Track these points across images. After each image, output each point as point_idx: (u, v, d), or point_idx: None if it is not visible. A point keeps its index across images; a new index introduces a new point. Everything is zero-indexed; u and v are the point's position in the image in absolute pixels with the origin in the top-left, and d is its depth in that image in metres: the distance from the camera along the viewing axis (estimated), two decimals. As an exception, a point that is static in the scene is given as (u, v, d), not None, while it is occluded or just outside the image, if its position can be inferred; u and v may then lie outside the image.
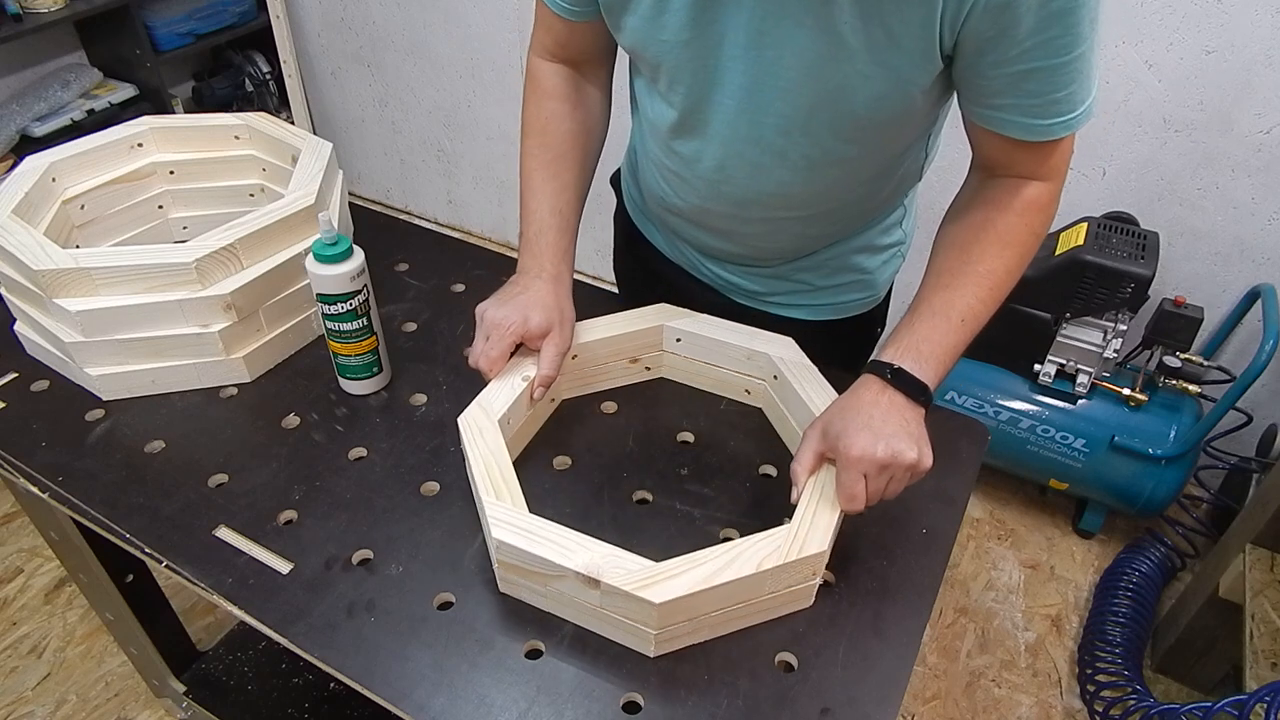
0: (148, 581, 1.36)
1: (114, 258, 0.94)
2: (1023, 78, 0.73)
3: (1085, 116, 0.77)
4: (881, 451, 0.75)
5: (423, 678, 0.73)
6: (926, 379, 0.79)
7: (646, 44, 0.84)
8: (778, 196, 0.91)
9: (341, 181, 1.18)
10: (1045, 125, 0.76)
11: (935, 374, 0.80)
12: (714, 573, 0.71)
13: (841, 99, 0.79)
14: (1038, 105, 0.75)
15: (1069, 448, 1.84)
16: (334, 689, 1.43)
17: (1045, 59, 0.71)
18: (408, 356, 1.07)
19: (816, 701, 0.72)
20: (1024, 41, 0.70)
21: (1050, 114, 0.76)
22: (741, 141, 0.87)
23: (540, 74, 0.98)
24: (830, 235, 1.01)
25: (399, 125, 2.89)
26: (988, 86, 0.76)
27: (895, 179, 0.95)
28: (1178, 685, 1.72)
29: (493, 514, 0.76)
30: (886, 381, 0.79)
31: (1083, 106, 0.76)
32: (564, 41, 0.95)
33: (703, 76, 0.83)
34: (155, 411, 0.99)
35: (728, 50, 0.80)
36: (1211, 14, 1.58)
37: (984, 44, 0.72)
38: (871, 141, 0.85)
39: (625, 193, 1.21)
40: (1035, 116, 0.76)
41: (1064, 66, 0.72)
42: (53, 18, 2.29)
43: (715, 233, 1.02)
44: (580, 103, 0.99)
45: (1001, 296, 0.83)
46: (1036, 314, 1.78)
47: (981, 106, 0.78)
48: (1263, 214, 1.73)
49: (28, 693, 1.63)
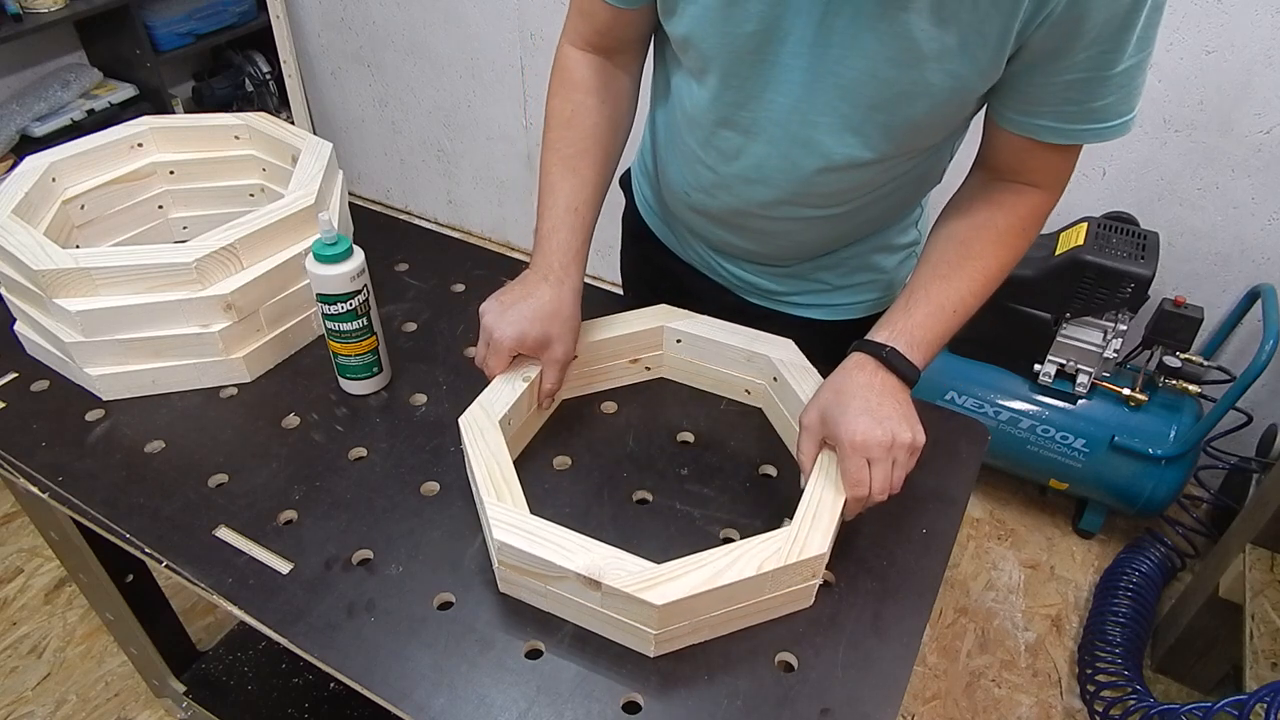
0: (148, 581, 1.36)
1: (114, 258, 0.94)
2: (1069, 87, 0.73)
3: (1121, 130, 0.76)
4: (882, 435, 0.76)
5: (423, 678, 0.73)
6: (917, 363, 0.81)
7: (705, 34, 0.80)
8: (812, 195, 0.90)
9: (341, 181, 1.18)
10: (1074, 130, 0.77)
11: (924, 359, 0.82)
12: (715, 574, 0.71)
13: (903, 103, 0.78)
14: (1074, 112, 0.75)
15: (1069, 448, 1.84)
16: (334, 689, 1.43)
17: (1095, 70, 0.71)
18: (408, 356, 1.07)
19: (816, 701, 0.72)
20: (1079, 54, 0.70)
21: (1082, 120, 0.76)
22: (788, 141, 0.85)
23: (571, 64, 0.94)
24: (854, 234, 1.01)
25: (399, 125, 2.89)
26: (1034, 95, 0.76)
27: (921, 179, 0.94)
28: (1178, 685, 1.72)
29: (494, 515, 0.76)
30: (881, 362, 0.81)
31: (1119, 120, 0.76)
32: (606, 29, 0.91)
33: (760, 70, 0.80)
34: (155, 411, 0.99)
35: (791, 46, 0.77)
36: (1211, 14, 1.58)
37: (1043, 55, 0.72)
38: (915, 143, 0.85)
39: (636, 191, 1.20)
40: (1067, 121, 0.76)
41: (1110, 79, 0.72)
42: (53, 18, 2.29)
43: (739, 230, 1.00)
44: (609, 96, 0.95)
45: (988, 294, 0.86)
46: (1036, 314, 1.78)
47: (1018, 113, 0.78)
48: (1263, 214, 1.73)
49: (28, 693, 1.64)
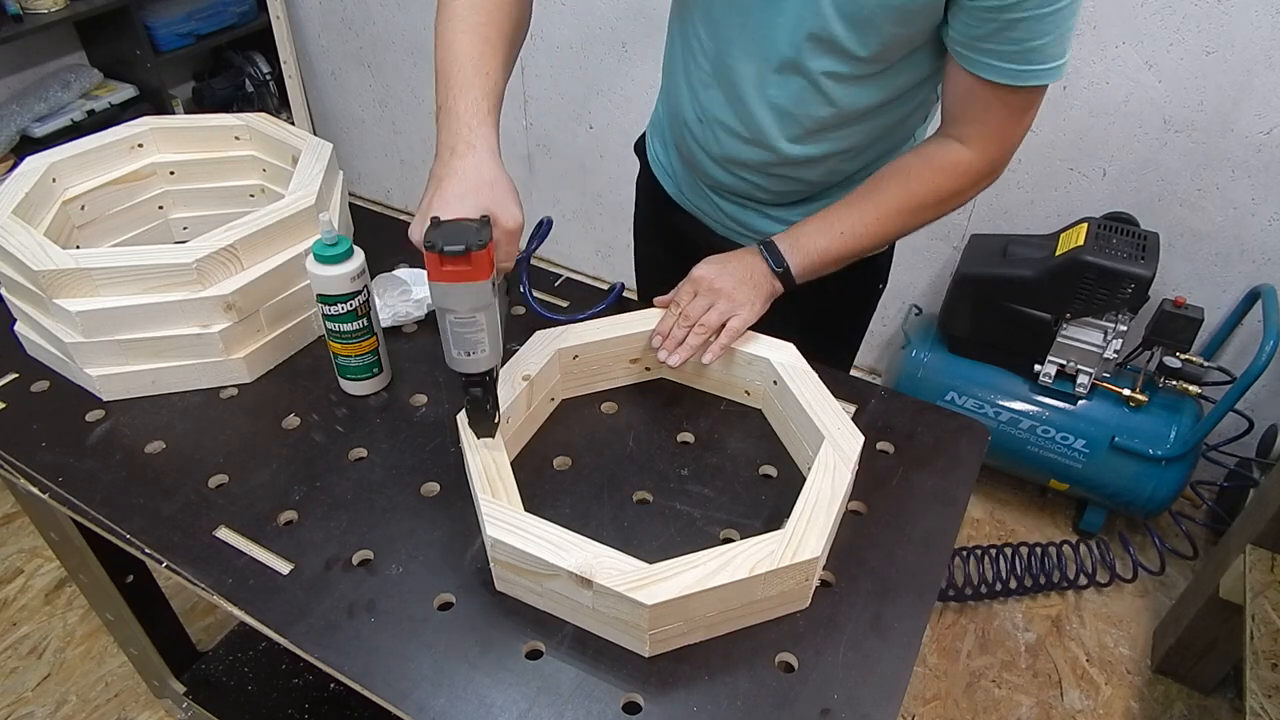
0: (148, 582, 1.36)
1: (114, 258, 0.94)
2: (1010, 25, 0.80)
3: (1056, 74, 0.84)
4: (715, 279, 0.95)
5: (423, 678, 0.73)
6: (791, 262, 0.96)
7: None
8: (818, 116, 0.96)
9: (341, 182, 1.18)
10: (1016, 70, 0.84)
11: (802, 264, 0.97)
12: (707, 576, 0.71)
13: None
14: (1015, 51, 0.82)
15: (1069, 448, 1.84)
16: (334, 689, 1.43)
17: (1033, 9, 0.78)
18: (408, 357, 1.07)
19: (816, 702, 0.72)
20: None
21: (1023, 60, 0.83)
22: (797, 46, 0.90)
23: None
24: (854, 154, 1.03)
25: (399, 125, 2.89)
26: (976, 30, 0.82)
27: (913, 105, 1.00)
28: (1178, 685, 1.72)
29: (488, 512, 0.76)
30: (759, 249, 0.98)
31: (1055, 63, 0.83)
32: None
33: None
34: (155, 412, 0.99)
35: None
36: (1211, 14, 1.58)
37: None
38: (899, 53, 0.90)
39: (651, 154, 1.25)
40: (1010, 61, 0.83)
41: (1046, 16, 0.79)
42: (53, 18, 2.29)
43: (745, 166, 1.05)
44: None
45: (887, 229, 0.97)
46: (1036, 314, 1.78)
47: (964, 47, 0.85)
48: (1263, 214, 1.73)
49: (28, 693, 1.64)
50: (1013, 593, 1.86)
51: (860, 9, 0.84)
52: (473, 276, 0.73)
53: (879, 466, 0.94)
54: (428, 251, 0.72)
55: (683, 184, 1.20)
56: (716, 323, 0.94)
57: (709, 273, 0.97)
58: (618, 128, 2.42)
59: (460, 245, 0.71)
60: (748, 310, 0.95)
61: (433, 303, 0.75)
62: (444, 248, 0.71)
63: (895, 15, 0.84)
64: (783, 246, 0.97)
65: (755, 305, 0.96)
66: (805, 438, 0.90)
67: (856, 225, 0.96)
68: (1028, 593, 1.87)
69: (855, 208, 0.97)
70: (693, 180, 1.16)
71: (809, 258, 0.97)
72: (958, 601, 1.86)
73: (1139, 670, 1.75)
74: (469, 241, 0.72)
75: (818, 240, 0.97)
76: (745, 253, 0.99)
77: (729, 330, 0.94)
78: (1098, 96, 1.76)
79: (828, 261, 0.98)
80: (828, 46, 0.88)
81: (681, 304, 0.96)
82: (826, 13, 0.85)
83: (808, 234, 0.98)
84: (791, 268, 0.97)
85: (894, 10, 0.83)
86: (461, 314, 0.75)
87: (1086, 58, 1.72)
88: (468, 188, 0.77)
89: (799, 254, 0.97)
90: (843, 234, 0.96)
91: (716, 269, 0.97)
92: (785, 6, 0.87)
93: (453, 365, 0.79)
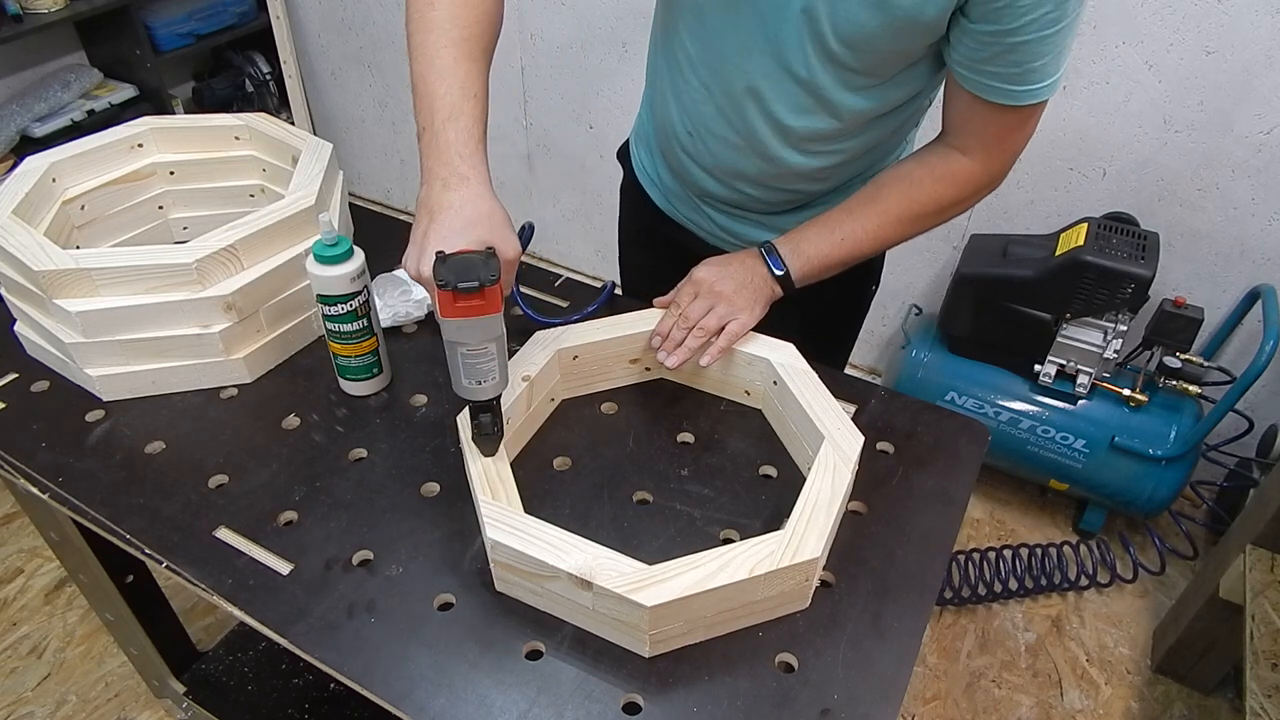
0: (148, 582, 1.36)
1: (114, 258, 0.94)
2: (1011, 49, 0.80)
3: (1054, 88, 0.85)
4: (717, 282, 0.96)
5: (423, 678, 0.73)
6: (792, 266, 0.97)
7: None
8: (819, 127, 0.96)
9: (342, 182, 1.18)
10: (1016, 90, 0.84)
11: (802, 269, 0.97)
12: (706, 577, 0.71)
13: None
14: (1016, 73, 0.83)
15: (1069, 448, 1.84)
16: (334, 689, 1.43)
17: (1035, 32, 0.78)
18: (408, 357, 1.07)
19: (816, 702, 0.72)
20: (1023, 17, 0.77)
21: (1023, 81, 0.83)
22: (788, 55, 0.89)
23: None
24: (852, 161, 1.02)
25: (399, 125, 2.89)
26: (979, 54, 0.83)
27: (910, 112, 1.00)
28: (1178, 685, 1.72)
29: (487, 513, 0.76)
30: (759, 252, 0.99)
31: (1053, 78, 0.84)
32: None
33: None
34: (155, 412, 0.99)
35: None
36: (1211, 14, 1.58)
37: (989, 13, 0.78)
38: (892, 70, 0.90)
39: (636, 163, 1.25)
40: (1010, 82, 0.84)
41: (1048, 38, 0.79)
42: (53, 18, 2.30)
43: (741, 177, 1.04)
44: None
45: (888, 236, 0.97)
46: (1036, 314, 1.78)
47: (965, 69, 0.85)
48: (1263, 214, 1.73)
49: (28, 693, 1.64)
50: (1013, 595, 1.86)
51: (859, 28, 0.83)
52: (486, 310, 0.74)
53: (879, 466, 0.94)
54: (441, 290, 0.72)
55: (671, 194, 1.19)
56: (716, 326, 0.94)
57: (710, 275, 0.97)
58: (618, 128, 2.42)
59: (474, 281, 0.71)
60: (747, 314, 0.95)
61: (444, 338, 0.76)
62: (458, 285, 0.71)
63: (894, 34, 0.83)
64: (784, 250, 0.98)
65: (755, 309, 0.96)
66: (805, 438, 0.90)
67: (857, 231, 0.97)
68: (1028, 594, 1.88)
69: (856, 214, 0.97)
70: (682, 191, 1.16)
71: (810, 262, 0.97)
72: (956, 605, 1.86)
73: (1139, 670, 1.75)
74: (481, 277, 0.72)
75: (819, 245, 0.97)
76: (746, 255, 0.99)
77: (728, 334, 0.94)
78: (1098, 96, 1.76)
79: (828, 266, 0.98)
80: (829, 60, 0.88)
81: (681, 305, 0.97)
82: (825, 30, 0.85)
83: (809, 239, 0.98)
84: (792, 272, 0.97)
85: (894, 31, 0.83)
86: (473, 346, 0.76)
87: (1086, 58, 1.72)
88: (466, 221, 0.76)
89: (800, 258, 0.97)
90: (843, 240, 0.97)
91: (718, 271, 0.97)
92: (785, 21, 0.86)
93: (462, 394, 0.79)
